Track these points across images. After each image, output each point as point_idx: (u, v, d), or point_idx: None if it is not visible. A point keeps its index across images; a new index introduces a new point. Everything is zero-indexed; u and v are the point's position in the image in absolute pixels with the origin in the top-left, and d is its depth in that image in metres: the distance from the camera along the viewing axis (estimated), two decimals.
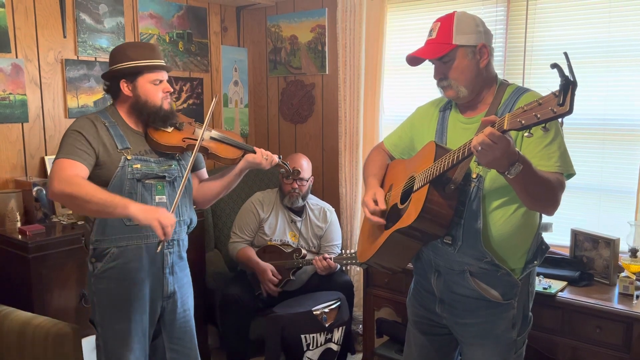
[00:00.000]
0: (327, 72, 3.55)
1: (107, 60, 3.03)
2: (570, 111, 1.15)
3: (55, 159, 1.83)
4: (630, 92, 2.50)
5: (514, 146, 1.33)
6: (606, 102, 2.55)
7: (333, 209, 3.20)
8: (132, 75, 1.92)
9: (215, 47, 3.70)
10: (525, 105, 1.24)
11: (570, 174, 1.57)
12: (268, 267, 2.90)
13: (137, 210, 1.70)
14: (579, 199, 2.65)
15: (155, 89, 1.95)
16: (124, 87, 1.93)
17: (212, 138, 2.07)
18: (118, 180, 1.87)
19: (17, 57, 2.73)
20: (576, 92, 1.16)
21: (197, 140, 1.97)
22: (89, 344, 2.47)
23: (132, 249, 1.92)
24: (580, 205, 2.66)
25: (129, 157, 1.89)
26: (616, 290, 2.26)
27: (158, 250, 1.81)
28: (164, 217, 1.71)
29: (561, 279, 2.34)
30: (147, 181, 1.92)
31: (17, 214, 2.57)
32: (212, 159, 2.07)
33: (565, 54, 1.18)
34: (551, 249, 2.60)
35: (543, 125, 1.21)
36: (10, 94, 2.71)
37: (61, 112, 2.93)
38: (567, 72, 1.15)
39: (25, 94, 2.76)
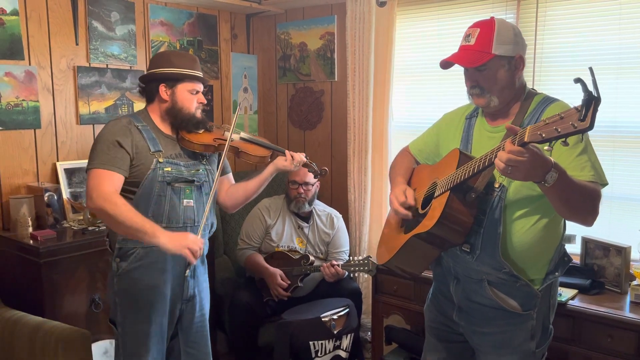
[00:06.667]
0: (336, 79, 3.56)
1: (119, 67, 3.10)
2: (590, 127, 1.14)
3: (92, 167, 1.88)
4: None
5: (544, 154, 1.31)
6: (616, 108, 2.53)
7: (340, 215, 3.21)
8: (173, 81, 1.99)
9: (225, 54, 3.72)
10: (547, 118, 1.23)
11: (604, 184, 1.54)
12: (277, 272, 2.90)
13: (166, 240, 1.79)
14: None
15: (192, 97, 2.02)
16: (163, 91, 1.99)
17: (241, 138, 2.15)
18: (149, 183, 1.91)
19: (30, 64, 2.77)
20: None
21: (226, 140, 2.03)
22: (99, 349, 2.48)
23: (158, 250, 1.94)
24: None
25: (160, 160, 1.94)
26: (628, 299, 2.24)
27: (187, 274, 1.95)
28: (192, 243, 1.81)
29: (572, 287, 2.32)
30: (176, 185, 1.97)
31: (29, 219, 2.59)
32: (242, 158, 2.13)
33: (591, 69, 1.16)
34: None
35: (563, 139, 1.20)
36: (23, 100, 2.74)
37: (73, 119, 2.96)
38: (590, 87, 1.13)
39: (37, 101, 2.80)
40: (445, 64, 1.66)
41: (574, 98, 1.20)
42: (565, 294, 2.25)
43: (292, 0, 3.54)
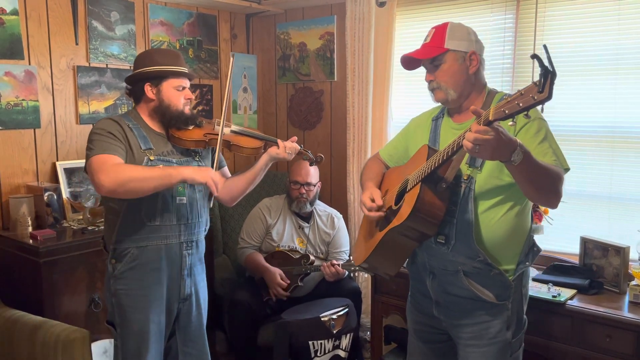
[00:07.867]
0: (335, 79, 3.57)
1: (119, 67, 3.10)
2: (549, 97, 1.22)
3: (90, 157, 1.85)
4: (639, 99, 2.48)
5: (508, 134, 1.38)
6: (615, 109, 2.54)
7: (341, 215, 3.21)
8: (157, 79, 1.98)
9: (224, 54, 3.73)
10: (508, 96, 1.31)
11: (566, 169, 1.62)
12: (277, 271, 2.91)
13: (191, 173, 1.84)
14: (589, 207, 2.63)
15: (178, 94, 2.00)
16: (148, 90, 1.98)
17: (232, 131, 2.12)
18: None
19: (30, 63, 2.77)
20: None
21: (217, 135, 2.02)
22: (98, 348, 2.48)
23: (152, 250, 1.95)
24: (590, 213, 2.64)
25: (151, 158, 1.94)
26: (626, 299, 2.24)
27: (211, 205, 2.06)
28: (214, 174, 1.88)
29: (570, 287, 2.33)
30: None
31: (29, 219, 2.59)
32: (234, 151, 2.12)
33: (545, 46, 1.25)
34: (560, 257, 2.60)
35: (525, 112, 1.28)
36: (23, 100, 2.75)
37: (72, 119, 2.96)
38: (546, 63, 1.22)
39: (37, 100, 2.80)
40: (408, 64, 1.79)
41: (573, 98, 1.22)
42: (564, 294, 2.25)
43: (292, 0, 3.54)
